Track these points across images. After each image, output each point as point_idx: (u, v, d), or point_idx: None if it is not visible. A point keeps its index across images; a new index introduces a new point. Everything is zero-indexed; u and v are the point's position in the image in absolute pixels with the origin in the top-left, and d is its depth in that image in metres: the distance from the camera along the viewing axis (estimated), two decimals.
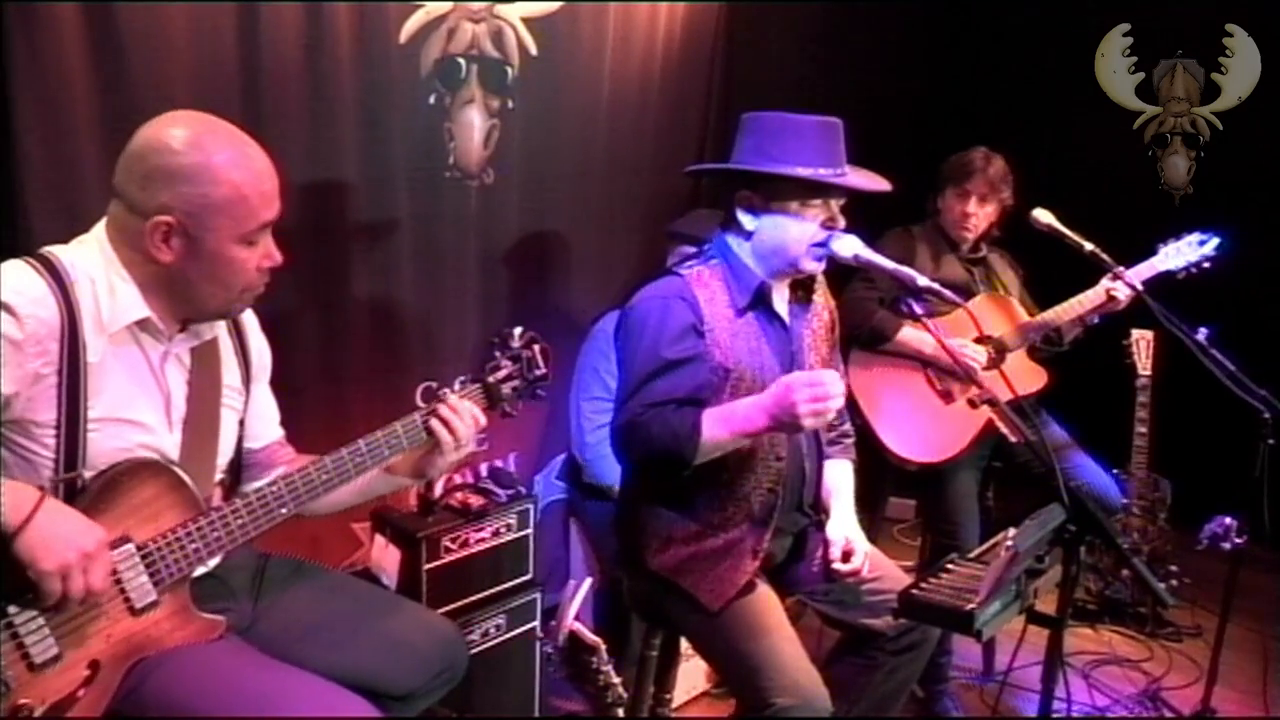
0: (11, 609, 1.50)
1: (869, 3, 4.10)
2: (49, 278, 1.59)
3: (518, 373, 1.98)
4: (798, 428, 1.96)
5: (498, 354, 1.98)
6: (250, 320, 1.96)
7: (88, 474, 1.61)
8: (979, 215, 3.14)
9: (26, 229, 2.12)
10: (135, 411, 1.67)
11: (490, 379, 1.95)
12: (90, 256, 1.65)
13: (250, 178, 1.65)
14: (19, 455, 1.59)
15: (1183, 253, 3.07)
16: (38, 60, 2.12)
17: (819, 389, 1.90)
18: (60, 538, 1.49)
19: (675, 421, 2.04)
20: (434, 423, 1.84)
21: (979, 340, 2.97)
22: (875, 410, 3.05)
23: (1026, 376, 3.12)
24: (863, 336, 3.05)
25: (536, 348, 2.01)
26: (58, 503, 1.53)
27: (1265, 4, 4.02)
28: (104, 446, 1.63)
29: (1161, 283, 3.02)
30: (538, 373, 2.01)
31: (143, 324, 1.68)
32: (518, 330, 2.01)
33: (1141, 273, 3.02)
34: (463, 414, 1.86)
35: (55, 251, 1.64)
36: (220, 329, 1.85)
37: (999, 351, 3.06)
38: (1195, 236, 3.09)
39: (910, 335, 3.04)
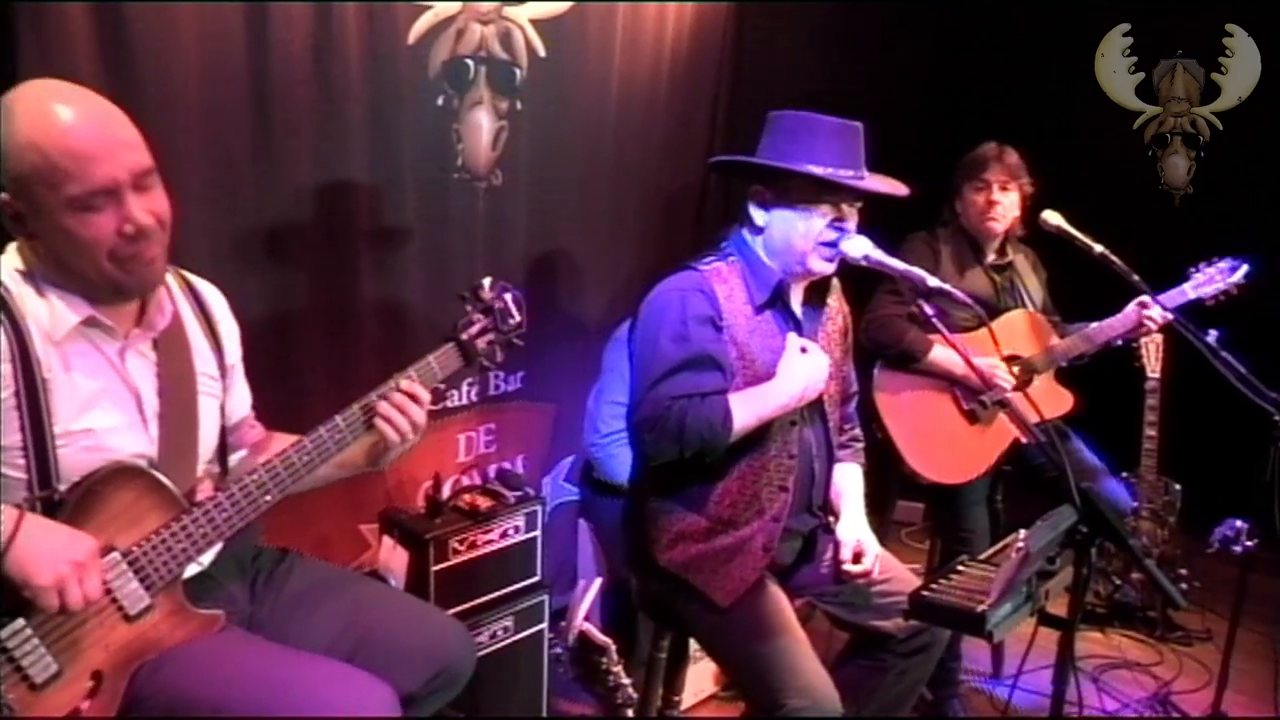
0: (3, 633, 1.47)
1: (878, 3, 4.09)
2: None
3: (491, 325, 1.92)
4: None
5: (469, 308, 1.92)
6: (217, 301, 1.90)
7: (63, 488, 1.57)
8: (1003, 203, 3.09)
9: None
10: (103, 416, 1.63)
11: (464, 336, 1.89)
12: (23, 264, 1.61)
13: (55, 141, 1.50)
14: None
15: (1214, 281, 3.05)
16: (47, 61, 2.11)
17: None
18: (49, 552, 1.47)
19: (707, 411, 2.08)
20: (377, 421, 1.79)
21: (1009, 360, 2.94)
22: (900, 429, 3.01)
23: (1053, 399, 3.10)
24: (894, 356, 3.00)
25: (508, 296, 1.95)
26: (38, 518, 1.51)
27: (1265, 4, 4.01)
28: (76, 459, 1.59)
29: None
30: (512, 322, 1.95)
31: (90, 322, 1.63)
32: (487, 281, 1.94)
33: (1173, 299, 3.00)
34: (396, 415, 1.79)
35: None
36: (186, 314, 1.80)
37: (1027, 373, 3.05)
38: (1225, 263, 3.07)
39: (941, 355, 2.97)
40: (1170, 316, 2.91)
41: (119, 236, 1.56)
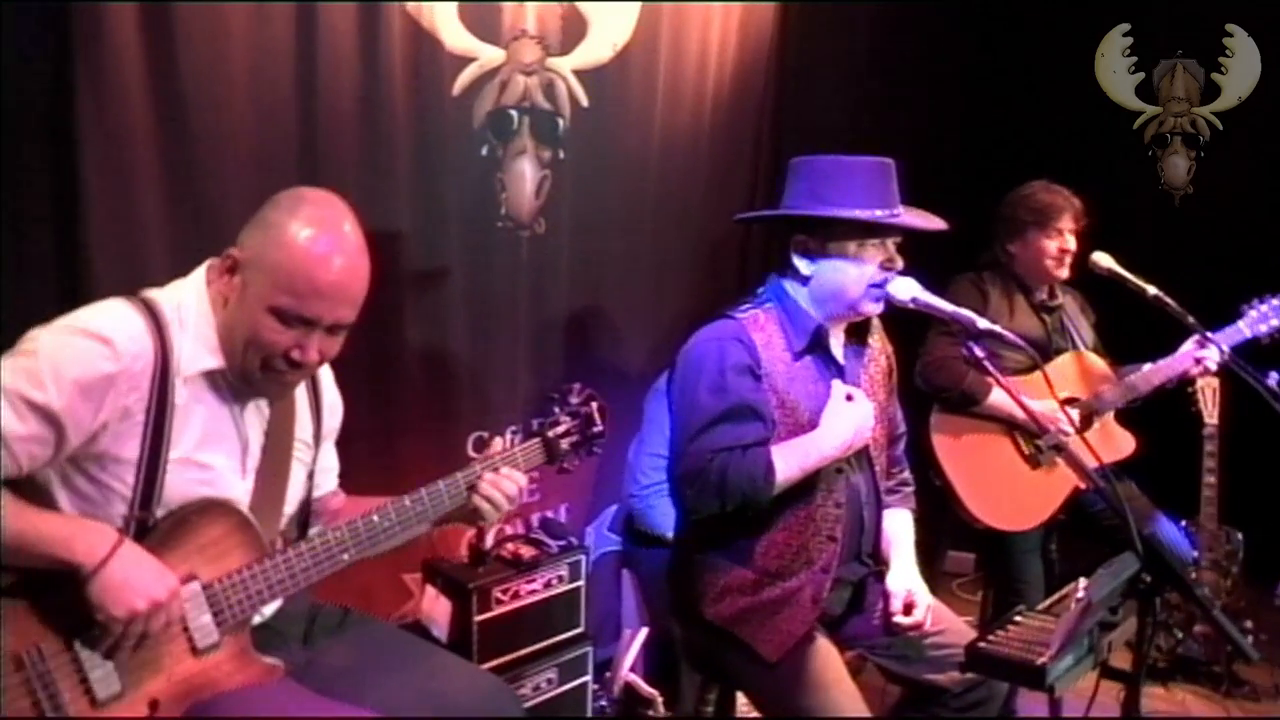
0: (77, 644, 1.52)
1: (918, 44, 4.10)
2: (147, 317, 1.62)
3: (576, 429, 1.99)
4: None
5: (556, 410, 1.99)
6: (326, 376, 1.96)
7: (159, 513, 1.62)
8: (1073, 252, 3.05)
9: (89, 277, 2.15)
10: (212, 456, 1.69)
11: (550, 434, 1.95)
12: (187, 300, 1.68)
13: (309, 262, 1.62)
14: (96, 487, 1.61)
15: (1268, 318, 2.98)
16: (104, 119, 2.17)
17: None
18: (133, 584, 1.51)
19: (749, 465, 2.05)
20: (476, 499, 1.83)
21: (1068, 403, 2.89)
22: (960, 474, 2.94)
23: (1114, 442, 3.03)
24: (953, 399, 2.94)
25: (595, 405, 2.02)
26: (134, 546, 1.56)
27: (1265, 4, 3.99)
28: (180, 488, 1.64)
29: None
30: (595, 430, 2.01)
31: (219, 372, 1.69)
32: (576, 386, 2.02)
33: (1229, 337, 2.94)
34: (498, 495, 1.84)
35: (154, 294, 1.68)
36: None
37: (1087, 416, 2.98)
38: (1277, 300, 3.00)
39: (1002, 398, 2.87)
40: (1227, 356, 2.84)
41: (283, 355, 1.65)
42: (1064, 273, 3.08)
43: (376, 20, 2.57)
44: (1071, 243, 3.05)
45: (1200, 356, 2.92)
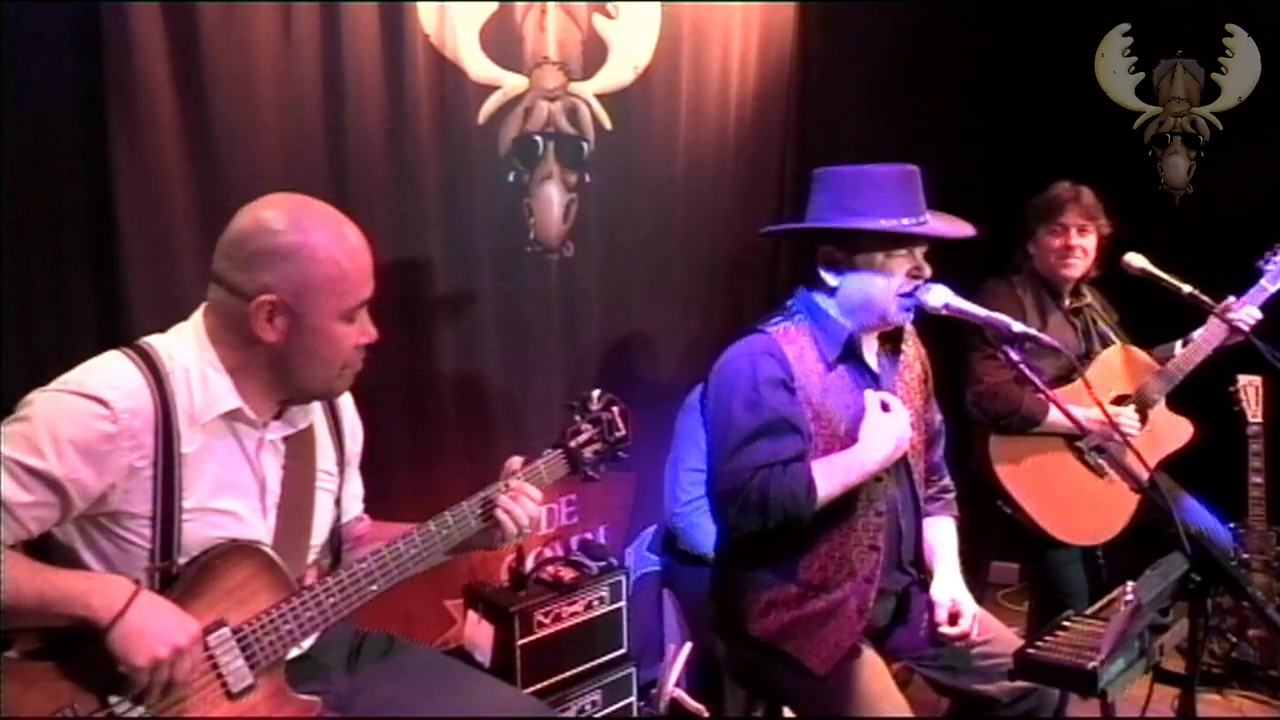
0: (112, 699, 1.51)
1: (939, 53, 4.09)
2: (144, 369, 1.60)
3: (598, 436, 1.97)
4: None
5: (577, 418, 1.98)
6: (345, 400, 1.95)
7: (181, 561, 1.61)
8: (1081, 247, 3.03)
9: (128, 317, 2.20)
10: (229, 502, 1.67)
11: (572, 444, 1.94)
12: (186, 345, 1.66)
13: (349, 255, 1.67)
14: (115, 544, 1.60)
15: None
16: (138, 157, 2.22)
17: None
18: (154, 633, 1.50)
19: (789, 482, 2.04)
20: (499, 513, 1.82)
21: (1119, 400, 2.86)
22: (1031, 499, 2.91)
23: (1172, 429, 2.99)
24: (1015, 423, 2.91)
25: (615, 409, 2.00)
26: (151, 595, 1.55)
27: (1265, 4, 3.95)
28: (198, 536, 1.63)
29: (1267, 322, 2.91)
30: (618, 434, 1.99)
31: (235, 414, 1.67)
32: (595, 393, 2.00)
33: (1254, 298, 2.89)
34: (518, 510, 1.83)
35: (152, 341, 1.66)
36: (316, 413, 1.85)
37: (1142, 408, 2.94)
38: None
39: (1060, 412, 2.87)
40: (1257, 317, 2.81)
41: (355, 349, 1.72)
42: (1074, 271, 3.05)
43: (401, 54, 2.61)
44: (1078, 239, 3.03)
45: (1232, 318, 2.85)
